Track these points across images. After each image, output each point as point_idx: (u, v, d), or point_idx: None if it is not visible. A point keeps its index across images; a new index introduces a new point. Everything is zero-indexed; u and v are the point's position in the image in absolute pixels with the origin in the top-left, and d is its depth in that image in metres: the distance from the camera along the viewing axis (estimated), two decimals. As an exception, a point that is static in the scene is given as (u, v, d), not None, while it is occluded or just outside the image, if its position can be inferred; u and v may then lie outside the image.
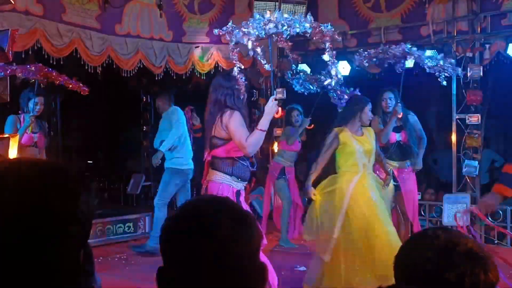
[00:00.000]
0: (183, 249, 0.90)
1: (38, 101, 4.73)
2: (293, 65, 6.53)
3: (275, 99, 3.26)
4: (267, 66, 4.32)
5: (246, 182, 3.38)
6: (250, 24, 3.51)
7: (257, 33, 3.53)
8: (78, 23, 5.64)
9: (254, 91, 7.73)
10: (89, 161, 9.95)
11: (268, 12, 3.64)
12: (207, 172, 3.34)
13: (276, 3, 7.04)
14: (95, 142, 9.64)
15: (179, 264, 0.90)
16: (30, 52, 5.39)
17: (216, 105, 3.34)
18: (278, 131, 7.25)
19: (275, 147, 7.02)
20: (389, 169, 4.33)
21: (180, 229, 0.92)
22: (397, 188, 4.76)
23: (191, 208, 0.96)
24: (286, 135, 6.01)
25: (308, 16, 3.64)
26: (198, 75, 7.08)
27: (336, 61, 4.08)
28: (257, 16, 3.61)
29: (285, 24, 3.51)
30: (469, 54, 5.90)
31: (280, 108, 3.30)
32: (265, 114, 3.27)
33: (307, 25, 3.56)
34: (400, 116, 4.73)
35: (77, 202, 0.82)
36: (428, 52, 6.10)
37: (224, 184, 3.25)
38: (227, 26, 3.66)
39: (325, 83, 4.69)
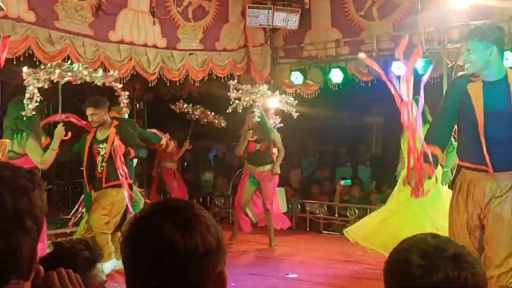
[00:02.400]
0: (132, 256, 0.92)
1: None
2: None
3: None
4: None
5: None
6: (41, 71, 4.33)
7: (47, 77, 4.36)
8: (71, 30, 5.63)
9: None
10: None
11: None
12: None
13: (269, 11, 7.08)
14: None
15: (132, 270, 0.92)
16: (21, 59, 5.38)
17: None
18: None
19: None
20: None
21: (128, 234, 0.94)
22: (258, 185, 5.96)
23: (141, 216, 0.97)
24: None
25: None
26: (192, 82, 7.09)
27: None
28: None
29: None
30: (460, 63, 5.96)
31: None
32: (55, 138, 4.27)
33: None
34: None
35: (30, 197, 0.85)
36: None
37: None
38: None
39: None
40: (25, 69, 4.34)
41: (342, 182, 7.19)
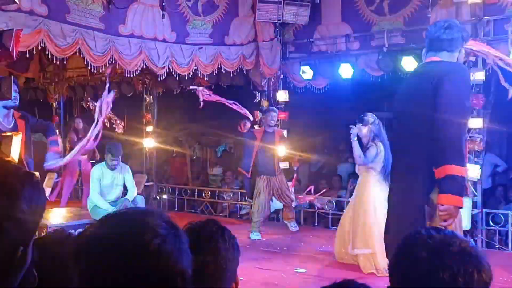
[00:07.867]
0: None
1: None
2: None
3: None
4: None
5: None
6: None
7: None
8: (82, 24, 5.67)
9: (256, 92, 7.74)
10: (91, 161, 9.95)
11: None
12: None
13: (279, 5, 7.06)
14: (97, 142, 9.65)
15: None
16: (34, 52, 5.42)
17: None
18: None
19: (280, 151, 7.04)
20: None
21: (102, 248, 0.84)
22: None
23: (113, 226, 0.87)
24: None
25: None
26: (201, 76, 7.10)
27: None
28: None
29: None
30: (472, 59, 5.90)
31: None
32: None
33: None
34: None
35: (15, 199, 0.80)
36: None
37: None
38: None
39: None
40: None
41: (351, 181, 7.20)
